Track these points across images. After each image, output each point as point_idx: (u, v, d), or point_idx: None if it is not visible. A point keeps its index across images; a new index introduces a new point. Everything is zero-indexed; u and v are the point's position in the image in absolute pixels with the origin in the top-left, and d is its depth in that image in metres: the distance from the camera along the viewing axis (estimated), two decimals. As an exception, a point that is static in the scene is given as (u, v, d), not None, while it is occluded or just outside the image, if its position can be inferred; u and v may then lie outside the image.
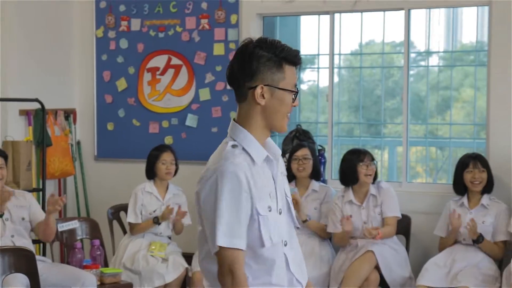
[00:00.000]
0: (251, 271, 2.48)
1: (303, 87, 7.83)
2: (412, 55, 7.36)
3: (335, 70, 6.62)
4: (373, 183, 5.77)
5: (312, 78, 7.41)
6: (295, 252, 2.59)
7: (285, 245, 2.53)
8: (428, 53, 6.89)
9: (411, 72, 7.31)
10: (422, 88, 7.37)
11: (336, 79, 7.28)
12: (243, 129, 2.52)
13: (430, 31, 6.51)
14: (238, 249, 2.42)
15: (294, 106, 2.54)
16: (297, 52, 2.52)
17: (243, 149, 2.49)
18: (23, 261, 4.40)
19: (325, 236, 5.92)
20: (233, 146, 2.50)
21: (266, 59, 2.46)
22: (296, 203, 5.68)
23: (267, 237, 2.47)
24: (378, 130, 7.46)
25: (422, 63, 7.63)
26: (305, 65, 7.21)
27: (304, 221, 5.85)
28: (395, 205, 5.73)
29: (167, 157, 5.95)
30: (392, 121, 7.58)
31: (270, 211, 2.50)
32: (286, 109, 2.51)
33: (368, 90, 7.42)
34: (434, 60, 7.49)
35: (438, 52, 6.97)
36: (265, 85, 2.47)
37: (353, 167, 5.72)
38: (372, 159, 5.76)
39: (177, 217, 5.84)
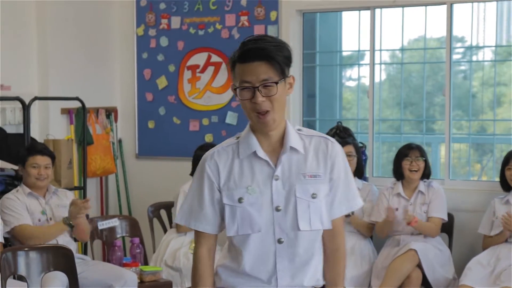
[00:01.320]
0: (230, 255, 2.67)
1: (350, 84, 7.75)
2: (460, 50, 7.24)
3: (382, 67, 6.55)
4: (423, 180, 5.70)
5: (360, 75, 7.30)
6: (293, 253, 2.61)
7: (278, 241, 2.59)
8: (471, 48, 6.77)
9: (462, 68, 7.18)
10: (473, 83, 7.25)
11: (383, 75, 7.20)
12: (248, 124, 2.65)
13: (478, 25, 6.36)
14: (197, 230, 2.67)
15: (255, 102, 2.52)
16: (243, 48, 2.54)
17: (239, 142, 2.63)
18: (62, 259, 4.42)
19: (367, 233, 5.86)
20: (236, 137, 2.67)
21: (230, 63, 2.60)
22: None
23: (230, 226, 2.61)
24: (429, 127, 7.36)
25: (474, 58, 7.49)
26: (351, 62, 7.13)
27: (347, 216, 5.79)
28: (442, 206, 5.67)
29: None
30: (442, 118, 7.43)
31: (241, 202, 2.59)
32: (247, 105, 2.54)
33: (417, 86, 7.31)
34: (487, 55, 7.34)
35: (483, 47, 6.82)
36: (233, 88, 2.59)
37: (399, 161, 5.72)
38: (421, 155, 5.68)
39: None
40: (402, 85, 6.84)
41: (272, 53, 2.52)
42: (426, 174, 5.74)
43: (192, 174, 5.99)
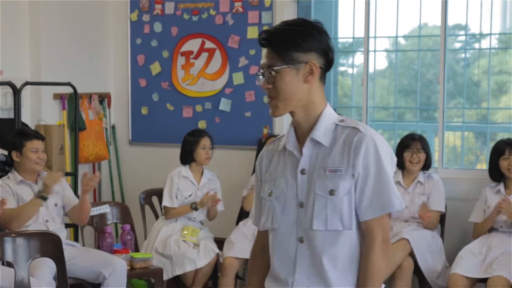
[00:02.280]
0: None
1: (351, 71, 7.67)
2: (462, 38, 7.19)
3: (382, 54, 6.51)
4: (423, 171, 5.70)
5: (359, 62, 7.24)
6: (313, 255, 2.43)
7: (300, 240, 2.44)
8: (466, 35, 6.72)
9: (467, 55, 7.13)
10: (475, 71, 7.19)
11: (385, 63, 7.14)
12: None
13: (481, 13, 6.29)
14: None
15: (262, 88, 2.48)
16: (261, 34, 2.49)
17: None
18: (49, 246, 4.39)
19: None
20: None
21: None
22: None
23: (263, 220, 2.55)
24: (430, 115, 7.32)
25: (476, 45, 7.43)
26: (351, 50, 7.08)
27: None
28: (441, 199, 5.68)
29: (206, 142, 5.90)
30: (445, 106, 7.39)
31: (270, 196, 2.51)
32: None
33: (420, 74, 7.26)
34: (491, 43, 7.26)
35: (481, 34, 6.75)
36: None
37: (400, 152, 5.70)
38: (422, 147, 5.66)
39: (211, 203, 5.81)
40: (396, 72, 6.81)
41: (275, 38, 2.42)
42: (427, 165, 5.73)
43: (182, 160, 5.96)
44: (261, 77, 2.46)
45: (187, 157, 5.94)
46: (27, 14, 6.31)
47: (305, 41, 2.41)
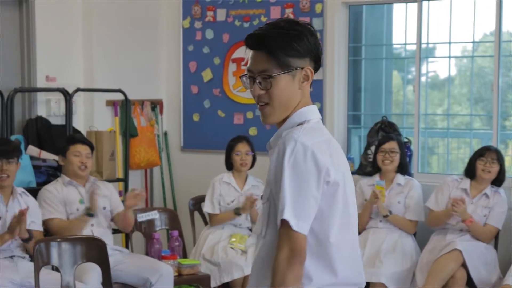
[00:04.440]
0: None
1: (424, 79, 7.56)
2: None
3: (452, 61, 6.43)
4: (492, 185, 5.62)
5: (432, 69, 7.10)
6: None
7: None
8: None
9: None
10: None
11: (453, 70, 7.02)
12: None
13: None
14: None
15: (253, 94, 2.39)
16: (248, 34, 2.39)
17: None
18: (95, 251, 4.43)
19: (410, 230, 5.75)
20: None
21: None
22: (376, 197, 5.61)
23: None
24: (501, 124, 7.16)
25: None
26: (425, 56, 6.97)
27: (385, 216, 5.70)
28: (501, 217, 5.59)
29: (241, 148, 5.89)
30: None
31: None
32: (252, 95, 2.40)
33: (489, 82, 7.11)
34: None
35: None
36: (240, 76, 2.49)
37: (474, 160, 5.64)
38: (497, 158, 5.56)
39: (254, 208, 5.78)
40: (449, 79, 6.68)
41: (272, 43, 2.32)
42: (499, 180, 5.62)
43: (226, 166, 5.95)
44: (244, 79, 2.40)
45: (228, 163, 5.94)
46: (80, 22, 6.38)
47: (301, 46, 2.35)
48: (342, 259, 2.35)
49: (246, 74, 2.40)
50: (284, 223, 2.26)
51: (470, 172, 5.64)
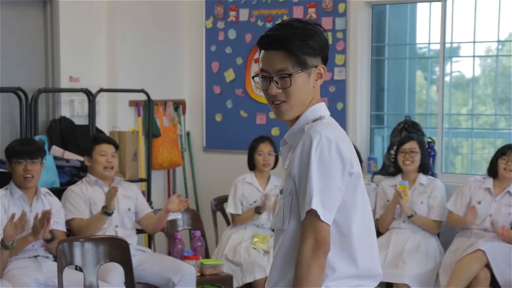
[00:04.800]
0: None
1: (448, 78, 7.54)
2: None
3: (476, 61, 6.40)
4: None
5: (456, 69, 7.06)
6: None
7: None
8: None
9: None
10: None
11: (477, 70, 6.97)
12: None
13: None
14: None
15: (270, 93, 2.44)
16: (264, 33, 2.45)
17: None
18: (117, 251, 4.44)
19: (433, 231, 5.73)
20: None
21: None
22: (399, 196, 5.59)
23: None
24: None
25: None
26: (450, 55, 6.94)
27: (410, 217, 5.68)
28: None
29: (264, 148, 5.88)
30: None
31: None
32: (265, 95, 2.46)
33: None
34: None
35: None
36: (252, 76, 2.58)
37: (495, 159, 5.61)
38: None
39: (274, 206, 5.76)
40: (473, 79, 6.63)
41: (290, 42, 2.39)
42: None
43: (249, 166, 5.95)
44: (257, 79, 2.45)
45: (250, 163, 5.94)
46: (104, 22, 6.41)
47: (316, 45, 2.43)
48: (363, 250, 2.41)
49: (257, 75, 2.46)
50: (311, 213, 2.32)
51: (493, 171, 5.62)
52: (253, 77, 2.49)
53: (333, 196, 2.34)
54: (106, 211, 5.01)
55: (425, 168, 5.82)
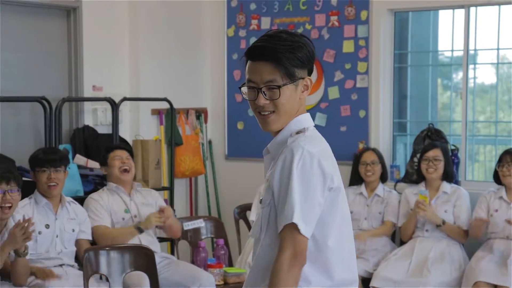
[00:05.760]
0: None
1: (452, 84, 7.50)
2: None
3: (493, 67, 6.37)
4: None
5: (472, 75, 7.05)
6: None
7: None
8: None
9: None
10: None
11: (494, 77, 6.94)
12: None
13: None
14: None
15: (257, 104, 2.44)
16: (252, 44, 2.46)
17: None
18: (143, 259, 4.45)
19: (462, 240, 5.71)
20: None
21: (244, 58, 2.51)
22: (420, 206, 5.55)
23: None
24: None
25: None
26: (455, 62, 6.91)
27: (438, 226, 5.65)
28: None
29: None
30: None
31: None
32: (251, 105, 2.48)
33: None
34: None
35: None
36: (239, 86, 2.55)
37: (496, 168, 5.62)
38: None
39: None
40: (496, 86, 6.59)
41: (280, 54, 2.40)
42: None
43: None
44: (244, 90, 2.47)
45: None
46: (127, 31, 6.43)
47: (303, 57, 2.44)
48: (338, 262, 2.45)
49: (248, 86, 2.46)
50: (292, 226, 2.34)
51: (496, 178, 5.63)
52: (240, 87, 2.50)
53: (313, 211, 2.37)
54: (140, 228, 5.07)
55: (449, 176, 5.79)
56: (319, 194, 2.38)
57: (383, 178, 6.04)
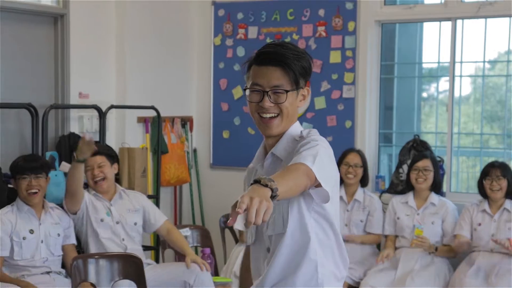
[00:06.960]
0: None
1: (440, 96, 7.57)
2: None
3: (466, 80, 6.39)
4: (510, 198, 5.57)
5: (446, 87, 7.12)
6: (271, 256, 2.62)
7: (268, 250, 2.64)
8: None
9: None
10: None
11: (469, 89, 7.00)
12: None
13: None
14: None
15: (261, 106, 2.52)
16: (261, 50, 2.56)
17: None
18: (131, 268, 4.43)
19: (454, 256, 5.73)
20: None
21: (247, 64, 2.61)
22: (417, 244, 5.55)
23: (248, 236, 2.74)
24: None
25: None
26: (436, 74, 6.95)
27: (432, 253, 5.66)
28: None
29: None
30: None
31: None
32: (253, 107, 2.56)
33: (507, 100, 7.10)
34: None
35: None
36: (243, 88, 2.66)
37: (481, 180, 5.63)
38: (502, 174, 5.52)
39: None
40: (482, 99, 6.65)
41: (289, 61, 2.50)
42: (510, 192, 5.57)
43: None
44: (249, 92, 2.55)
45: None
46: (114, 39, 6.41)
47: (307, 67, 2.56)
48: (345, 257, 2.65)
49: (252, 89, 2.54)
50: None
51: (482, 192, 5.63)
52: (244, 89, 2.59)
53: (330, 173, 2.46)
54: (80, 159, 4.91)
55: (437, 186, 5.82)
56: (335, 173, 2.53)
57: (363, 182, 6.03)
